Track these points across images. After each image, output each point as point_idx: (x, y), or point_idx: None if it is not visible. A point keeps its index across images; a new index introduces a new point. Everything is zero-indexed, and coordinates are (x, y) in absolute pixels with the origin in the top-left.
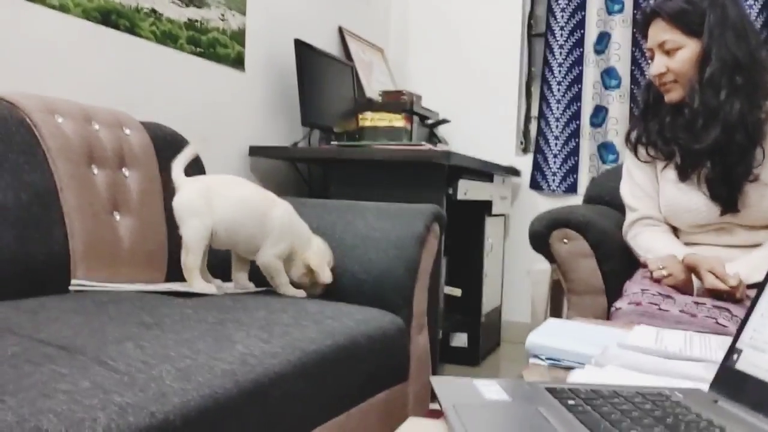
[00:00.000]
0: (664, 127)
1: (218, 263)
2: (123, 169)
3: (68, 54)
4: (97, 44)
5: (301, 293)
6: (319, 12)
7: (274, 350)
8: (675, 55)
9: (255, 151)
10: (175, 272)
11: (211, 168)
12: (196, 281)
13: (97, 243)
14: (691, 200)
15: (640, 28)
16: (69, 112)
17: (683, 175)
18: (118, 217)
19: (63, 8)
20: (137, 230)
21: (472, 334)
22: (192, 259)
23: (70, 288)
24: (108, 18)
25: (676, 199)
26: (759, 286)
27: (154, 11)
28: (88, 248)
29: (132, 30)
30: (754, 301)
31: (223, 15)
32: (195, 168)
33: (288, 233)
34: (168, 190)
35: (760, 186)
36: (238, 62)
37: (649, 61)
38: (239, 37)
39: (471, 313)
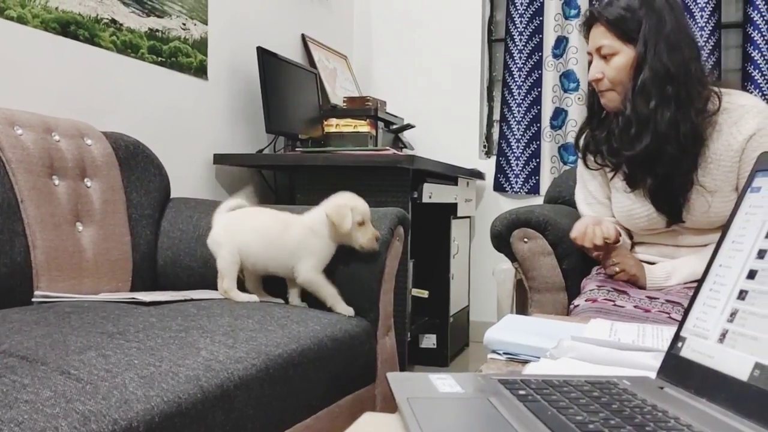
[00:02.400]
0: (610, 136)
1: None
2: (85, 180)
3: (27, 65)
4: (56, 55)
5: (350, 311)
6: (281, 20)
7: (239, 355)
8: (611, 60)
9: (220, 159)
10: (139, 281)
11: (175, 176)
12: (237, 295)
13: (59, 254)
14: (641, 209)
15: (583, 31)
16: (29, 124)
17: (631, 185)
18: (80, 228)
19: (21, 20)
20: (100, 240)
21: (440, 335)
22: (227, 282)
23: (33, 300)
24: (67, 29)
25: (626, 207)
26: (701, 278)
27: (114, 21)
28: (51, 259)
29: (92, 40)
30: (696, 291)
31: (184, 24)
32: (158, 178)
33: (311, 248)
34: (131, 199)
35: (706, 194)
36: (200, 71)
37: (589, 65)
38: (201, 45)
39: (439, 314)
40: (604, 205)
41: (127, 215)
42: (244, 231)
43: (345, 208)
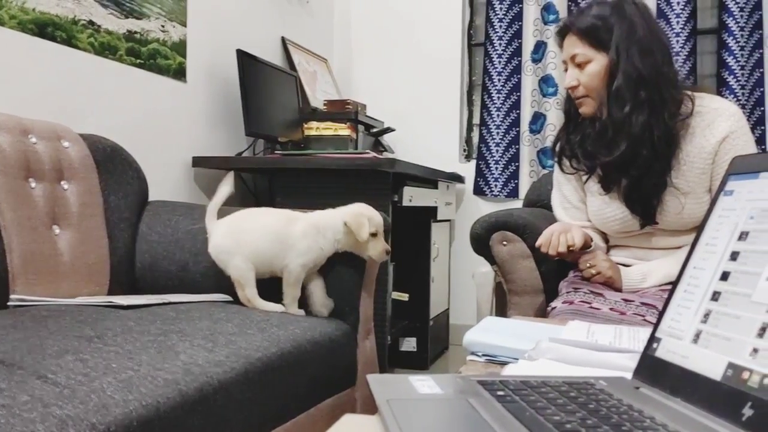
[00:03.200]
0: (585, 140)
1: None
2: (62, 182)
3: (4, 67)
4: (33, 57)
5: (300, 312)
6: (261, 23)
7: (218, 359)
8: (585, 68)
9: (198, 162)
10: (117, 285)
11: (153, 179)
12: (261, 303)
13: (35, 257)
14: (615, 211)
15: (557, 41)
16: (5, 126)
17: (605, 188)
18: (57, 231)
19: None
20: (77, 243)
21: (420, 338)
22: (249, 291)
23: (9, 303)
24: (44, 30)
25: (601, 210)
26: (676, 279)
27: (91, 23)
28: (27, 263)
29: (69, 42)
30: (671, 293)
31: (163, 26)
32: (136, 181)
33: (311, 245)
34: (109, 202)
35: (679, 196)
36: (179, 73)
37: (564, 73)
38: (180, 48)
39: (419, 317)
40: (579, 209)
41: (105, 218)
42: (249, 233)
43: (363, 218)
